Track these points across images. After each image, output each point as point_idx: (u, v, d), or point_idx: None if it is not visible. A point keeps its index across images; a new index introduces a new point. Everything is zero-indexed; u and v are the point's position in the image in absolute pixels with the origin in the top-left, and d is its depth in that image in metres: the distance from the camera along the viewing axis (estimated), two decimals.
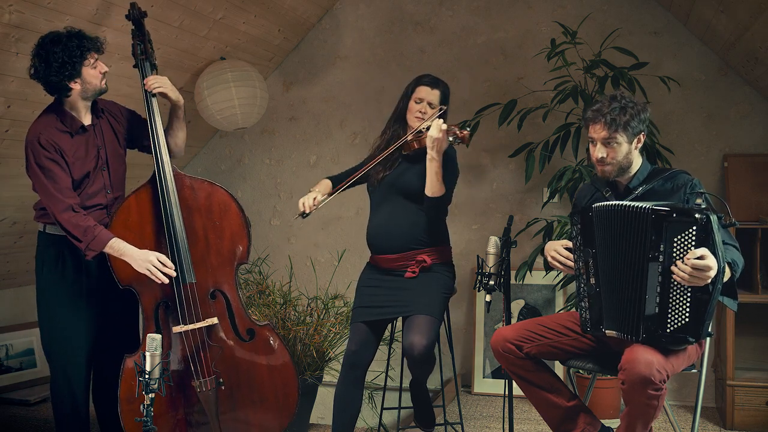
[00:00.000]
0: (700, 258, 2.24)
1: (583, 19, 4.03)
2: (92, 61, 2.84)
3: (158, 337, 2.46)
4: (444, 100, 3.05)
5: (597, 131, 2.55)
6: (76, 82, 2.83)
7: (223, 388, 2.99)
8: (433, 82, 3.03)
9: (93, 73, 2.85)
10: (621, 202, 2.49)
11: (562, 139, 3.88)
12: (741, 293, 3.65)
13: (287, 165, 4.86)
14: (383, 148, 3.08)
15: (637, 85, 3.69)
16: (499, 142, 4.36)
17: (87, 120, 2.94)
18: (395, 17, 4.59)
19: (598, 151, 2.56)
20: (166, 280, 2.85)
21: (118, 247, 2.81)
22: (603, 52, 3.82)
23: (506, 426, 2.97)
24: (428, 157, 2.86)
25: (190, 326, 2.94)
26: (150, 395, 2.41)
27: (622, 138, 2.53)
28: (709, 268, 2.23)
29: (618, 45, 3.89)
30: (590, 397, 3.02)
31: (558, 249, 2.67)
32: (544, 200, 4.08)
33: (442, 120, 2.86)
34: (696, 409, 2.62)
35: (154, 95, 3.00)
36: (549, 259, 2.69)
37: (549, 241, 3.73)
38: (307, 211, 3.00)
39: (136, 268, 2.81)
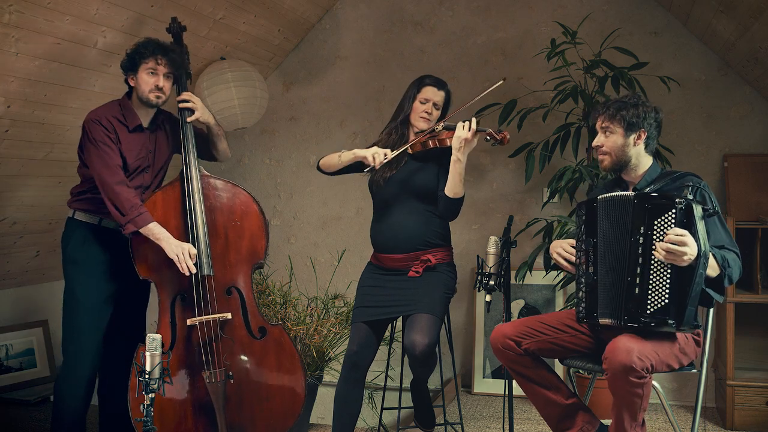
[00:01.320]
0: (680, 235, 2.29)
1: (583, 19, 4.03)
2: (152, 64, 2.96)
3: (158, 337, 2.47)
4: (448, 100, 3.07)
5: (598, 121, 2.67)
6: (132, 78, 3.01)
7: (231, 381, 3.03)
8: (439, 82, 3.03)
9: (146, 78, 2.98)
10: (620, 192, 2.55)
11: (562, 139, 3.88)
12: (741, 293, 3.66)
13: (287, 165, 4.86)
14: (398, 146, 3.02)
15: (637, 85, 3.68)
16: None
17: (146, 124, 3.08)
18: (395, 17, 4.59)
19: (596, 140, 2.67)
20: (187, 272, 2.94)
21: (158, 230, 2.93)
22: (603, 52, 3.82)
23: (506, 426, 2.98)
24: (453, 158, 2.85)
25: (204, 317, 3.01)
26: (150, 395, 2.42)
27: (616, 128, 2.60)
28: (686, 244, 2.28)
29: (618, 45, 3.89)
30: (590, 397, 3.02)
31: (564, 246, 2.71)
32: (544, 200, 4.08)
33: (470, 122, 2.83)
34: (696, 409, 2.62)
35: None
36: (554, 256, 2.73)
37: (550, 240, 3.75)
38: (377, 167, 2.94)
39: (168, 253, 2.92)
